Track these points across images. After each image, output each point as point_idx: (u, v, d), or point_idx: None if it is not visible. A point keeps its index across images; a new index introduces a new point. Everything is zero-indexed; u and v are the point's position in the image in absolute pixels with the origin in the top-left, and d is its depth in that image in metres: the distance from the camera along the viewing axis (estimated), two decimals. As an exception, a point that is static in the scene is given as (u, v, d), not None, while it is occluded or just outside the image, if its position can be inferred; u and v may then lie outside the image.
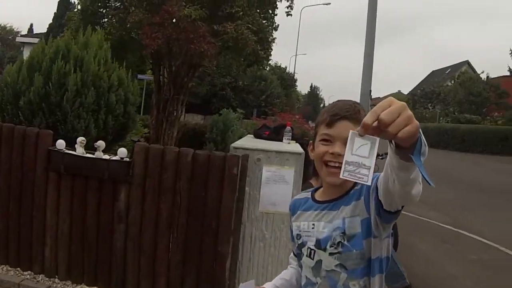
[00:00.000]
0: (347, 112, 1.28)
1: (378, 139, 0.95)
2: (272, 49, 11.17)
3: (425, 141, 0.93)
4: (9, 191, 3.61)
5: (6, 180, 3.59)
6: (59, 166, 3.45)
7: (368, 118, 0.90)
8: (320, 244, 1.29)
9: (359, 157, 0.96)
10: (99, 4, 9.77)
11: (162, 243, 3.29)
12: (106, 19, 9.88)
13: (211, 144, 8.94)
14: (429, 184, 0.95)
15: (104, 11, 10.01)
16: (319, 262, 1.29)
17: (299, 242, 1.37)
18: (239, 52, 9.67)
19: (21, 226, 3.59)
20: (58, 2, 19.11)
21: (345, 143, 1.27)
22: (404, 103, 0.88)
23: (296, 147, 3.54)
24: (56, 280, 3.55)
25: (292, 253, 1.53)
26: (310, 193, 1.44)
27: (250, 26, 8.80)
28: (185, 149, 3.31)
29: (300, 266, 1.40)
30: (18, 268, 3.64)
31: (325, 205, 1.33)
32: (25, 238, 3.59)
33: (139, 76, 15.18)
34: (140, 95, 5.28)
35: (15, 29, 39.64)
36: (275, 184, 3.24)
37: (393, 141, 0.95)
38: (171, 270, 3.30)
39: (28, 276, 3.59)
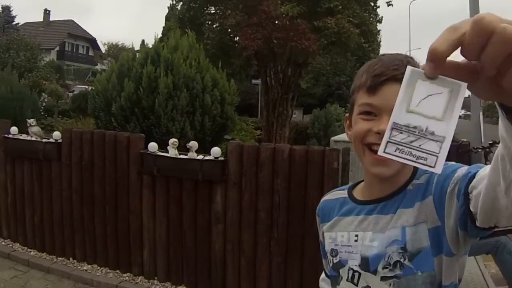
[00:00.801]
0: (397, 69, 0.81)
1: (464, 85, 0.47)
2: (377, 41, 10.99)
3: None
4: (104, 196, 3.68)
5: (101, 186, 3.68)
6: (152, 169, 3.45)
7: (442, 41, 0.44)
8: (368, 265, 0.89)
9: (423, 118, 0.48)
10: (195, 10, 9.97)
11: (262, 244, 3.19)
12: (206, 25, 10.12)
13: (313, 139, 8.84)
14: None
15: (202, 18, 10.25)
16: None
17: (335, 261, 0.97)
18: (343, 47, 9.50)
19: (118, 230, 3.66)
20: (166, 16, 20.16)
21: None
22: None
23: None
24: (155, 281, 3.57)
25: (323, 274, 1.11)
26: (346, 190, 1.02)
27: (351, 19, 8.69)
28: (281, 145, 3.19)
29: None
30: (118, 270, 3.71)
31: (372, 207, 0.91)
32: (123, 242, 3.65)
33: (253, 81, 15.79)
34: (238, 95, 5.29)
35: (126, 46, 41.38)
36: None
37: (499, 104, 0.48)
38: (273, 272, 3.18)
39: (127, 278, 3.65)
